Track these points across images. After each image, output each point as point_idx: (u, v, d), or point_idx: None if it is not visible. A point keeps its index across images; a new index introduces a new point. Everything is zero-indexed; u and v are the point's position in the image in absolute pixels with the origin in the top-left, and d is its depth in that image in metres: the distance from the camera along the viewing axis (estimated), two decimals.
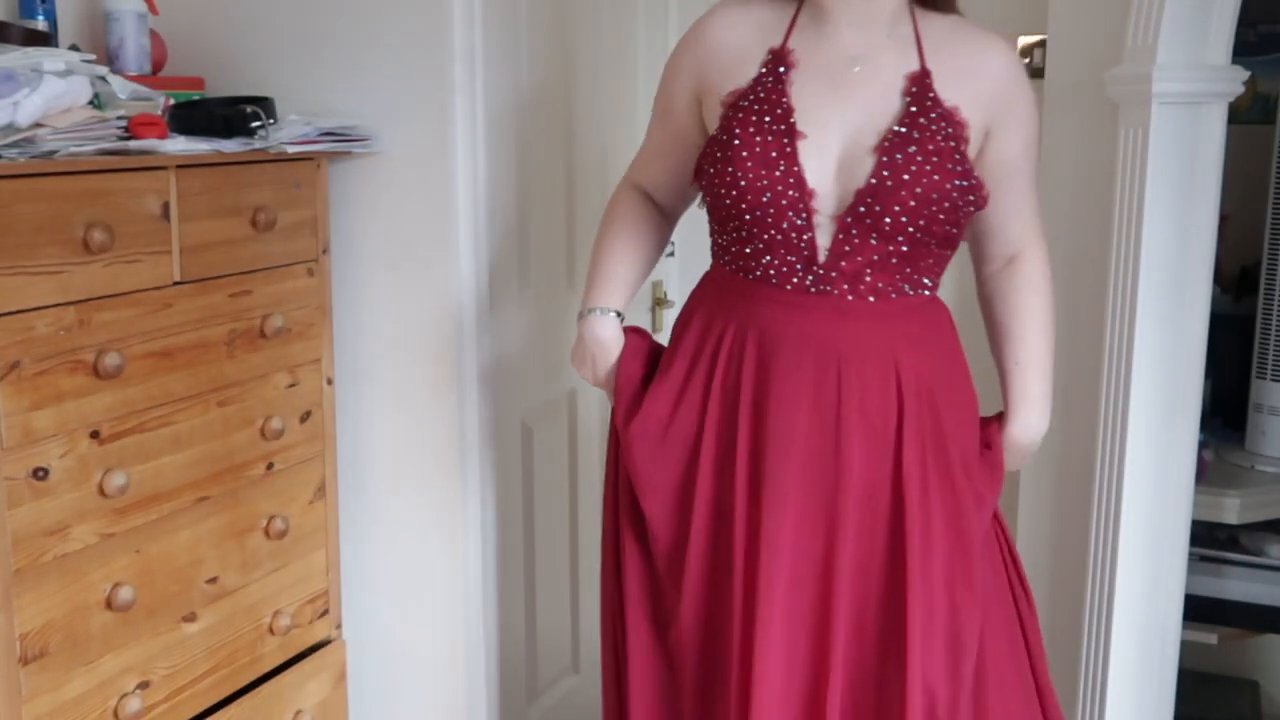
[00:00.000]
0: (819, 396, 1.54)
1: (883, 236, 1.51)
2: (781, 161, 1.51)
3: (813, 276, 1.54)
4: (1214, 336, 2.04)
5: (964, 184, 1.51)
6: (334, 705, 2.14)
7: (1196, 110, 1.91)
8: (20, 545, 1.55)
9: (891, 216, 1.49)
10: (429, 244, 2.09)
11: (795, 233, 1.52)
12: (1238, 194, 2.55)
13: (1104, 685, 2.06)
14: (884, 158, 1.49)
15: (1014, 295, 1.69)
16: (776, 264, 1.55)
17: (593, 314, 1.72)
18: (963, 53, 1.55)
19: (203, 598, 1.86)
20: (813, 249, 1.53)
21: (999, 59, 1.56)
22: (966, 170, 1.52)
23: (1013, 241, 1.68)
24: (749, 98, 1.55)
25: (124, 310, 1.67)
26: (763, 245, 1.55)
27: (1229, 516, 2.54)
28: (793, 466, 1.54)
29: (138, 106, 1.75)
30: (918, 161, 1.49)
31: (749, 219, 1.54)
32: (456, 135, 2.05)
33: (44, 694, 1.61)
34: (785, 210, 1.51)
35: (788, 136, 1.51)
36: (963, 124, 1.53)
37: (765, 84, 1.55)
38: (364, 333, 2.16)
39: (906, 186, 1.48)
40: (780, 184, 1.51)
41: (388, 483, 2.20)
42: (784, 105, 1.53)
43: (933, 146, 1.50)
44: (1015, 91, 1.57)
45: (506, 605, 2.31)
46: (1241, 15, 1.89)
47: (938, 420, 1.56)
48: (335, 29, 2.08)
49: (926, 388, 1.56)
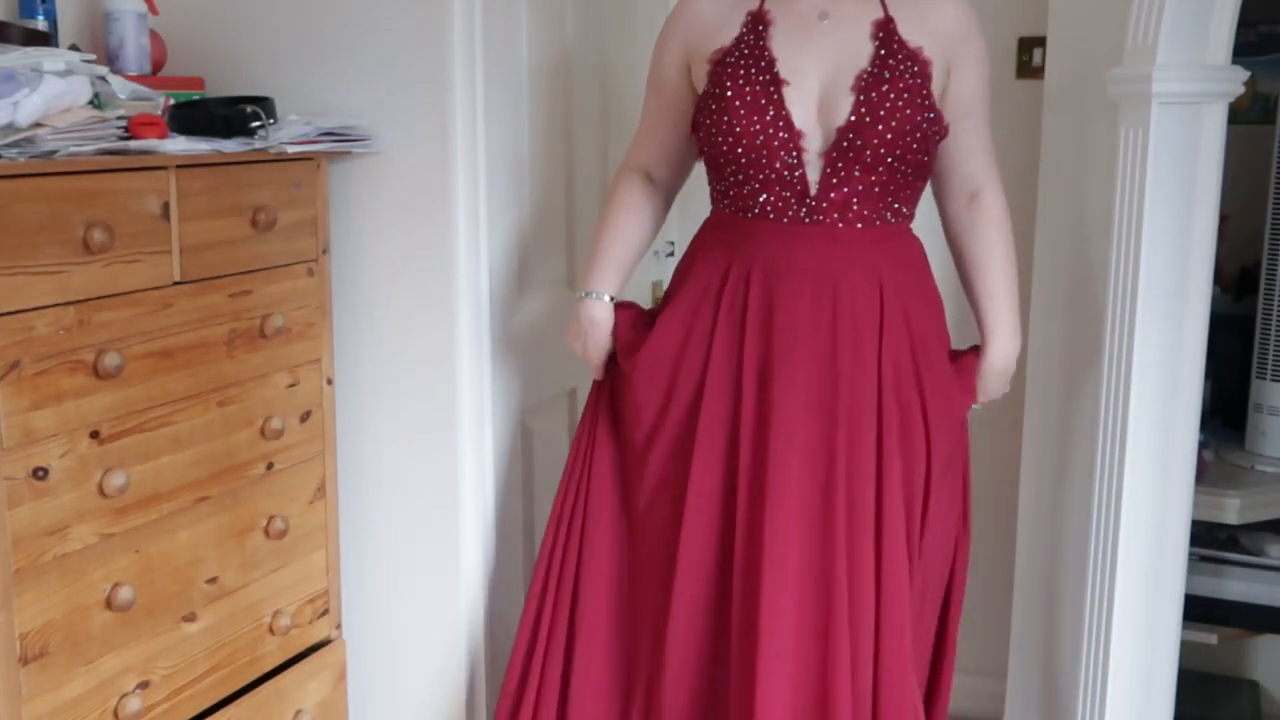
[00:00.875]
0: (817, 312, 1.74)
1: (865, 168, 1.71)
2: (770, 107, 1.71)
3: (806, 208, 1.74)
4: (1214, 336, 2.04)
5: (931, 115, 1.72)
6: (334, 705, 2.14)
7: (1196, 110, 1.90)
8: (20, 545, 1.55)
9: (871, 149, 1.69)
10: (429, 244, 2.09)
11: (787, 170, 1.73)
12: (1238, 194, 2.56)
13: (1104, 685, 2.06)
14: (860, 96, 1.70)
15: (981, 232, 1.87)
16: (773, 200, 1.75)
17: (589, 297, 1.93)
18: (921, 1, 1.76)
19: (203, 597, 1.86)
20: (804, 183, 1.73)
21: (953, 6, 1.78)
22: (932, 104, 1.73)
23: (973, 177, 1.87)
24: (734, 54, 1.75)
25: (124, 310, 1.67)
26: (759, 184, 1.75)
27: (1229, 516, 2.54)
28: (798, 373, 1.74)
29: (138, 106, 1.75)
30: (890, 98, 1.69)
31: (745, 161, 1.74)
32: (456, 135, 2.05)
33: (44, 694, 1.61)
34: (778, 150, 1.72)
35: (773, 85, 1.72)
36: (927, 62, 1.73)
37: (747, 41, 1.75)
38: (364, 333, 2.16)
39: (883, 120, 1.68)
40: (771, 127, 1.71)
41: (388, 483, 2.20)
42: (767, 57, 1.73)
43: (903, 84, 1.70)
44: (969, 35, 1.79)
45: (506, 605, 2.31)
46: (1241, 15, 1.89)
47: (910, 328, 1.79)
48: (335, 29, 2.08)
49: (902, 302, 1.78)
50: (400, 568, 2.22)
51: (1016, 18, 2.54)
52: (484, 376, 2.18)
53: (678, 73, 1.86)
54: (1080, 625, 2.12)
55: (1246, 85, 1.96)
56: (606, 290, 1.93)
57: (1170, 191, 1.92)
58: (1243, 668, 2.94)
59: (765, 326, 1.76)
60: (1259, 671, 2.93)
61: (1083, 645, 2.11)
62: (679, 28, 1.86)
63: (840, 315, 1.74)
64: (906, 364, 1.78)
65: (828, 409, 1.75)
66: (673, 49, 1.86)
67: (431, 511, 2.18)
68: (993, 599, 2.69)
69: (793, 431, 1.75)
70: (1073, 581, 2.17)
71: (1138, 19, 1.91)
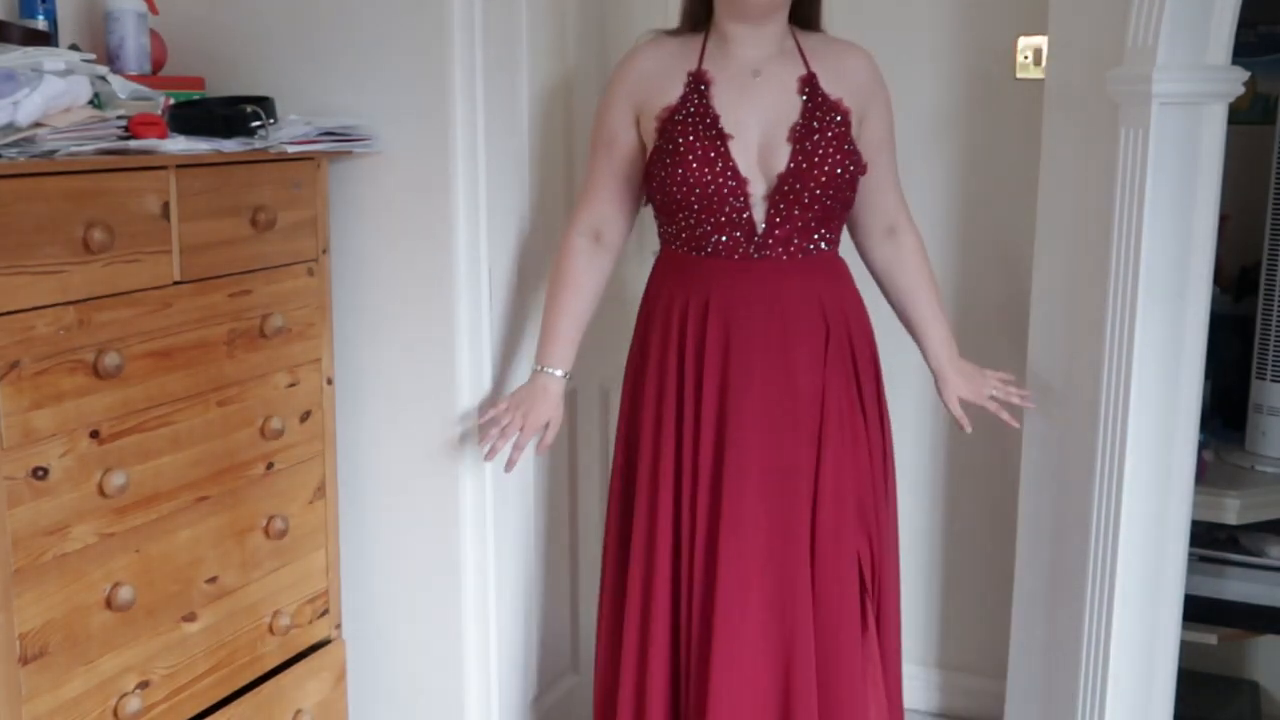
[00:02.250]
0: (768, 334, 1.94)
1: (803, 207, 1.91)
2: (718, 160, 1.90)
3: (754, 245, 1.93)
4: (1214, 336, 2.03)
5: (855, 158, 1.93)
6: (334, 705, 2.14)
7: (1196, 110, 1.90)
8: (20, 545, 1.55)
9: (809, 192, 1.90)
10: (429, 244, 2.09)
11: (736, 213, 1.92)
12: (1238, 194, 2.55)
13: (1104, 685, 2.06)
14: (795, 145, 1.90)
15: (906, 265, 2.10)
16: (725, 240, 1.94)
17: (543, 372, 2.08)
18: (834, 57, 1.99)
19: (203, 597, 1.86)
20: (751, 224, 1.92)
21: (861, 61, 2.01)
22: (854, 147, 1.94)
23: (888, 212, 2.09)
24: (681, 112, 1.93)
25: (124, 310, 1.67)
26: (711, 226, 1.93)
27: (1229, 517, 2.53)
28: (753, 394, 1.93)
29: (138, 106, 1.75)
30: (821, 146, 1.90)
31: (698, 207, 1.92)
32: (456, 135, 2.05)
33: (44, 694, 1.61)
34: (727, 197, 1.90)
35: (719, 139, 1.90)
36: (847, 110, 1.95)
37: (691, 100, 1.93)
38: (364, 333, 2.16)
39: (818, 166, 1.89)
40: (720, 177, 1.90)
41: (388, 483, 2.20)
42: (711, 114, 1.91)
43: (830, 133, 1.91)
44: (876, 86, 2.02)
45: (506, 605, 2.31)
46: (1241, 15, 1.89)
47: (849, 332, 2.00)
48: (335, 29, 2.08)
49: (843, 317, 1.99)
50: (400, 568, 2.22)
51: (1016, 18, 2.54)
52: (484, 376, 2.18)
53: (627, 129, 2.02)
54: (1080, 625, 2.12)
55: (1246, 85, 1.96)
56: (557, 367, 2.08)
57: (1170, 191, 1.92)
58: (1243, 668, 2.94)
59: (723, 349, 1.94)
60: (1259, 671, 2.93)
61: (1083, 645, 2.11)
62: (625, 87, 2.01)
63: (790, 333, 1.95)
64: (849, 366, 2.00)
65: (786, 412, 1.95)
66: (621, 106, 2.01)
67: (431, 511, 2.18)
68: (993, 599, 2.69)
69: (749, 441, 1.94)
70: (1073, 581, 2.17)
71: (1138, 19, 1.91)
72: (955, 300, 2.66)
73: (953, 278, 2.65)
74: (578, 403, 2.54)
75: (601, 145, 2.05)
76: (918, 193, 2.59)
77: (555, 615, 2.53)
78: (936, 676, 2.84)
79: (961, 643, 2.81)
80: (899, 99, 2.61)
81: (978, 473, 2.71)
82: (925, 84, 2.60)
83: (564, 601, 2.57)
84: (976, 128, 2.59)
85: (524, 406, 2.07)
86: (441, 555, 2.19)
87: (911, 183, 2.58)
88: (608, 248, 2.10)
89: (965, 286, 2.67)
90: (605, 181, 2.06)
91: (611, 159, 2.04)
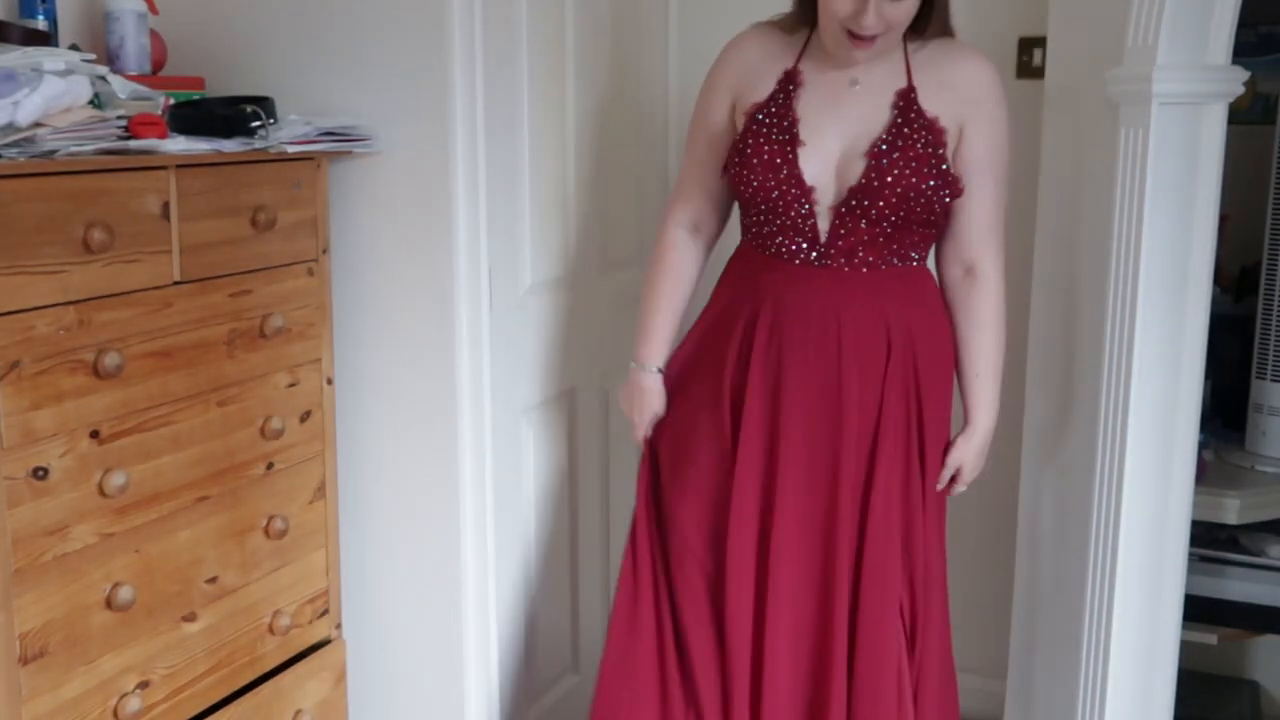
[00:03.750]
0: (823, 345, 1.90)
1: (870, 222, 1.87)
2: (784, 167, 1.87)
3: (816, 253, 1.90)
4: (1214, 336, 2.03)
5: (939, 179, 1.85)
6: (334, 705, 2.14)
7: (1196, 110, 1.90)
8: (20, 545, 1.55)
9: (876, 209, 1.85)
10: (429, 244, 2.09)
11: (800, 219, 1.89)
12: (1238, 194, 2.55)
13: (1104, 685, 2.06)
14: (872, 161, 1.85)
15: (974, 313, 1.97)
16: (788, 244, 1.92)
17: (640, 369, 2.09)
18: (944, 67, 1.89)
19: (203, 597, 1.86)
20: (815, 232, 1.90)
21: (972, 65, 1.90)
22: (942, 171, 1.86)
23: (970, 249, 1.96)
24: (765, 110, 1.90)
25: (124, 310, 1.67)
26: (775, 228, 1.92)
27: (1229, 516, 2.53)
28: (799, 407, 1.91)
29: (138, 106, 1.75)
30: (899, 165, 1.84)
31: (764, 208, 1.91)
32: (456, 135, 2.05)
33: (44, 694, 1.61)
34: (791, 203, 1.88)
35: (790, 145, 1.87)
36: (942, 130, 1.87)
37: (777, 100, 1.90)
38: (364, 333, 2.16)
39: (889, 186, 1.84)
40: (785, 184, 1.88)
41: (388, 483, 2.20)
42: (791, 118, 1.89)
43: (913, 153, 1.84)
44: (985, 93, 1.89)
45: (506, 605, 2.31)
46: (1241, 15, 1.89)
47: (916, 363, 1.93)
48: (335, 29, 2.08)
49: (909, 337, 1.92)
50: (400, 568, 2.22)
51: (1016, 18, 2.54)
52: (484, 376, 2.18)
53: (725, 117, 1.99)
54: (1080, 625, 2.12)
55: (1246, 85, 1.96)
56: (654, 363, 2.08)
57: (1170, 191, 1.92)
58: (1243, 668, 2.94)
59: (775, 359, 1.92)
60: (1259, 671, 2.93)
61: (1083, 645, 2.11)
62: (726, 77, 1.98)
63: (845, 346, 1.89)
64: (911, 390, 1.94)
65: (833, 431, 1.91)
66: (722, 95, 1.99)
67: (431, 511, 2.18)
68: (993, 599, 2.69)
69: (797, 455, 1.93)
70: (1073, 581, 2.17)
71: (1138, 19, 1.91)
72: None
73: None
74: (578, 403, 2.54)
75: (701, 135, 2.03)
76: None
77: (555, 615, 2.53)
78: None
79: (962, 643, 2.80)
80: None
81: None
82: None
83: (564, 601, 2.56)
84: None
85: (636, 404, 2.10)
86: (441, 555, 2.19)
87: None
88: (705, 238, 2.11)
89: None
90: (701, 174, 2.05)
91: (710, 149, 2.02)
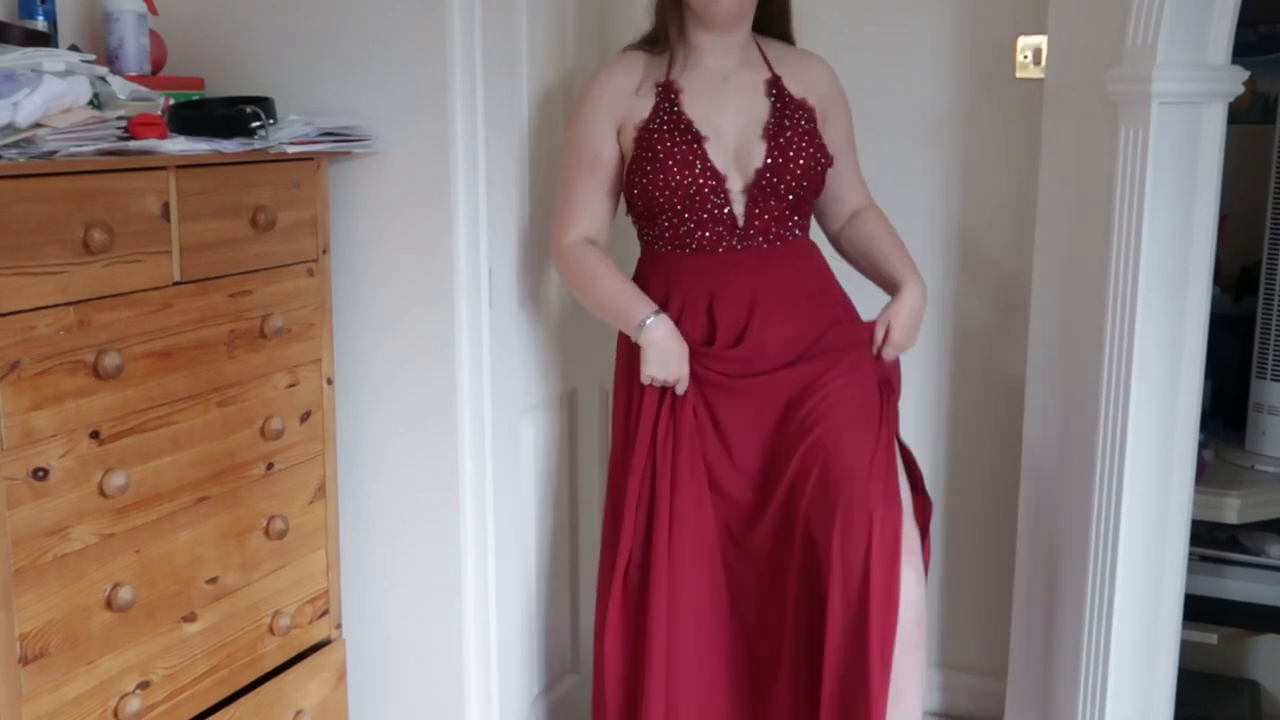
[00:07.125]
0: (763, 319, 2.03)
1: (779, 198, 2.05)
2: (696, 161, 2.01)
3: (736, 238, 2.05)
4: (1214, 336, 2.04)
5: (824, 150, 2.09)
6: (334, 705, 2.14)
7: (1196, 110, 1.90)
8: (20, 545, 1.55)
9: (785, 184, 2.04)
10: (429, 244, 2.09)
11: (717, 209, 2.03)
12: (1238, 194, 2.55)
13: (1104, 685, 2.06)
14: (771, 142, 2.03)
15: (866, 224, 2.20)
16: (709, 235, 2.05)
17: (649, 322, 2.03)
18: (796, 64, 2.14)
19: (203, 598, 1.86)
20: (733, 218, 2.05)
21: (819, 65, 2.16)
22: (822, 142, 2.09)
23: (853, 200, 2.22)
24: (655, 121, 2.04)
25: (124, 310, 1.67)
26: (694, 224, 2.05)
27: (1229, 516, 2.54)
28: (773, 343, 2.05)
29: (138, 106, 1.75)
30: (795, 142, 2.04)
31: (680, 207, 2.03)
32: (456, 135, 2.05)
33: (44, 694, 1.61)
34: (709, 195, 2.02)
35: (695, 142, 2.02)
36: (812, 109, 2.10)
37: (664, 109, 2.05)
38: (364, 333, 2.16)
39: (792, 159, 2.03)
40: (700, 177, 2.01)
41: (388, 483, 2.20)
42: (684, 120, 2.03)
43: (800, 129, 2.06)
44: (835, 92, 2.18)
45: (506, 605, 2.31)
46: (1241, 15, 1.89)
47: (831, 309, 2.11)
48: (335, 29, 2.08)
49: (821, 291, 2.12)
50: (400, 568, 2.22)
51: (1016, 18, 2.54)
52: (484, 376, 2.18)
53: (609, 142, 2.09)
54: (1080, 625, 2.12)
55: (1246, 85, 1.96)
56: (652, 309, 2.04)
57: (1170, 191, 1.92)
58: (1243, 668, 2.94)
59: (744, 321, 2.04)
60: (1259, 671, 2.93)
61: (1083, 645, 2.11)
62: (604, 101, 2.08)
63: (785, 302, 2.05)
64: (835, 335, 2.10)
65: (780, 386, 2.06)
66: (603, 121, 2.08)
67: (431, 511, 2.18)
68: (993, 599, 2.69)
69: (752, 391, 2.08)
70: (1073, 581, 2.17)
71: (1138, 19, 1.91)
72: (955, 300, 2.66)
73: (952, 277, 2.65)
74: (578, 403, 2.55)
75: (584, 162, 2.10)
76: (916, 192, 2.60)
77: (555, 615, 2.53)
78: (937, 676, 2.84)
79: (961, 643, 2.81)
80: (898, 98, 2.61)
81: (978, 473, 2.71)
82: (925, 83, 2.60)
83: (564, 601, 2.56)
84: (976, 127, 2.59)
85: (663, 360, 2.03)
86: (442, 555, 2.19)
87: (910, 182, 2.59)
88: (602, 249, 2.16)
89: (964, 286, 2.66)
90: (590, 197, 2.11)
91: (596, 175, 2.10)
